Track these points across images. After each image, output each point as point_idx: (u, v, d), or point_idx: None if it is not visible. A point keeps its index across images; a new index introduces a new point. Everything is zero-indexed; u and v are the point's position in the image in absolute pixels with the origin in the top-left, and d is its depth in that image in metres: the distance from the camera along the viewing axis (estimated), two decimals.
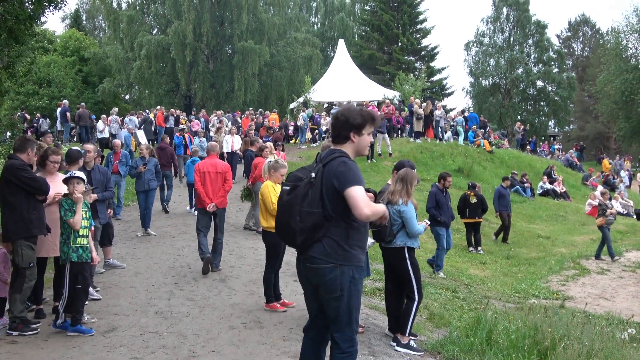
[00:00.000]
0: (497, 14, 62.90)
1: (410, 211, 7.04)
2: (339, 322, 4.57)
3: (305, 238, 4.52)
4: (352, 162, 4.53)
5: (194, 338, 6.95)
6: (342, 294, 4.48)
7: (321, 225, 4.47)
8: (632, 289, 13.40)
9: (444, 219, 12.64)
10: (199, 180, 10.51)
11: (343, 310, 4.52)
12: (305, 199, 4.51)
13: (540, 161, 34.80)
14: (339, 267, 4.45)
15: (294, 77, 51.88)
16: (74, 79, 49.75)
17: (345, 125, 4.64)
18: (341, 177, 4.43)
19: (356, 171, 4.46)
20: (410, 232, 7.06)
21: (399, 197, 7.03)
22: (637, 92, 46.70)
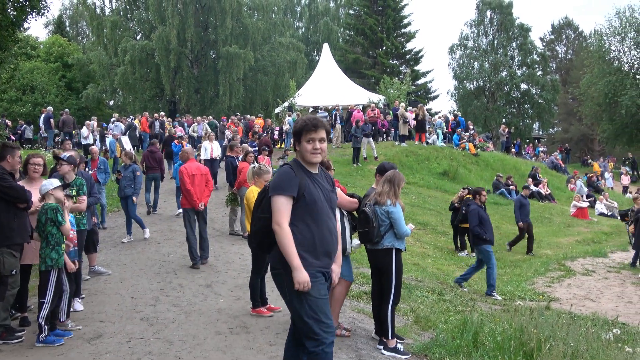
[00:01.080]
0: (480, 17, 63.27)
1: (398, 212, 7.04)
2: (296, 325, 4.70)
3: (259, 241, 4.80)
4: (287, 169, 4.67)
5: (180, 344, 6.92)
6: (290, 299, 4.58)
7: (269, 230, 4.60)
8: (617, 289, 13.47)
9: (489, 237, 12.32)
10: (189, 182, 11.25)
11: (297, 315, 4.59)
12: (259, 205, 4.81)
13: (525, 163, 34.98)
14: (285, 273, 4.54)
15: (279, 82, 51.83)
16: (57, 85, 49.51)
17: (294, 135, 4.81)
18: (271, 184, 4.71)
19: (284, 178, 4.60)
20: (398, 233, 7.05)
21: (387, 198, 7.03)
22: (620, 94, 47.10)
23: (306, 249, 4.59)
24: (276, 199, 4.52)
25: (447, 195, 23.37)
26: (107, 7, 53.90)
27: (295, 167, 4.68)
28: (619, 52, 51.16)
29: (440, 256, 16.21)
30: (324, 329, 4.58)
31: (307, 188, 4.64)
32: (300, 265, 4.47)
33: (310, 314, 4.54)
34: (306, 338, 4.59)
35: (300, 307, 4.54)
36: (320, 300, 4.61)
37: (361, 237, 7.06)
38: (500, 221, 22.12)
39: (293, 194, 4.54)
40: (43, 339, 6.87)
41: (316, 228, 4.67)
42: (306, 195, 4.62)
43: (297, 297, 4.52)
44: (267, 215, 4.61)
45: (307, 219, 4.63)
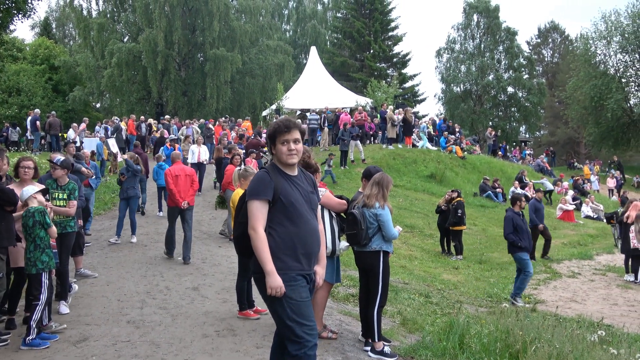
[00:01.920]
0: (467, 21, 63.47)
1: (387, 214, 7.04)
2: (279, 327, 4.70)
3: (240, 247, 4.81)
4: (262, 174, 4.67)
5: (167, 347, 6.90)
6: (270, 302, 4.57)
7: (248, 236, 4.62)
8: (603, 291, 13.55)
9: (524, 244, 12.00)
10: (172, 182, 12.06)
11: (279, 318, 4.58)
12: (240, 211, 4.81)
13: (511, 166, 35.13)
14: (262, 277, 4.51)
15: (267, 85, 51.89)
16: (43, 88, 49.28)
17: (268, 137, 4.82)
18: (247, 189, 4.69)
19: (258, 182, 4.60)
20: (386, 235, 7.05)
21: (376, 200, 7.02)
22: (605, 98, 47.45)
23: (285, 251, 4.58)
24: (251, 204, 4.54)
25: (434, 198, 23.44)
26: (94, 10, 53.95)
27: (271, 170, 4.68)
28: (605, 56, 51.60)
29: (427, 259, 16.25)
30: (307, 332, 4.56)
31: (284, 190, 4.62)
32: (273, 270, 4.46)
33: (292, 317, 4.53)
34: (288, 341, 4.57)
35: (281, 310, 4.53)
36: (301, 303, 4.59)
37: (349, 239, 7.05)
38: (487, 224, 22.21)
39: (268, 198, 4.53)
40: (29, 342, 6.83)
41: (295, 230, 4.65)
42: (283, 197, 4.60)
43: (279, 301, 4.51)
44: (246, 221, 4.62)
45: (285, 221, 4.62)
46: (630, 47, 49.22)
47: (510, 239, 12.00)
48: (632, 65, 50.97)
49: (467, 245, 17.78)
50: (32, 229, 7.04)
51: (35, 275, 7.07)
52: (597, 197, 32.66)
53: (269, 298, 4.53)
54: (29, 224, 7.04)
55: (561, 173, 40.05)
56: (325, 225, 6.95)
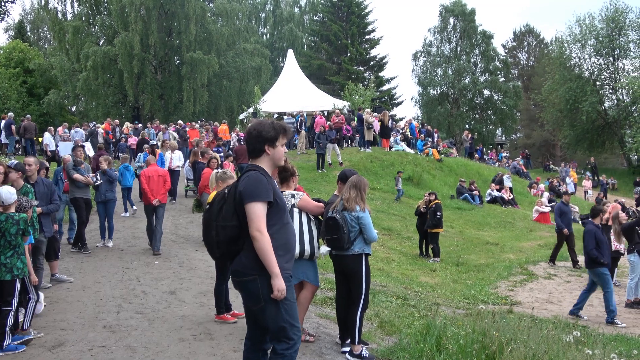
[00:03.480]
0: (443, 24, 63.83)
1: (368, 217, 7.05)
2: (270, 330, 4.67)
3: (223, 251, 4.69)
4: (258, 175, 4.62)
5: (144, 351, 6.86)
6: (264, 304, 4.54)
7: (236, 238, 4.60)
8: (578, 293, 13.61)
9: (606, 260, 11.26)
10: (145, 182, 13.39)
11: (272, 319, 4.57)
12: (219, 214, 4.66)
13: (488, 169, 35.37)
14: (259, 277, 4.50)
15: (244, 88, 51.81)
16: (18, 91, 48.76)
17: (259, 139, 4.74)
18: (243, 190, 4.55)
19: (258, 184, 4.55)
20: (368, 238, 7.05)
21: (356, 203, 7.02)
22: (580, 101, 47.93)
23: (280, 252, 4.59)
24: (254, 206, 4.46)
25: (412, 200, 23.52)
26: (69, 12, 53.46)
27: (264, 172, 4.67)
28: (580, 59, 52.11)
29: (405, 261, 16.30)
30: (296, 333, 4.65)
31: (277, 192, 4.69)
32: (279, 272, 4.47)
33: (286, 317, 4.57)
34: (277, 341, 4.61)
35: (276, 311, 4.53)
36: (293, 304, 4.66)
37: (330, 243, 7.01)
38: (464, 226, 22.33)
39: (270, 199, 4.52)
40: (6, 347, 6.77)
41: (286, 232, 4.71)
42: (278, 199, 4.64)
43: (274, 302, 4.51)
44: (232, 224, 4.57)
45: (278, 222, 4.65)
46: (604, 51, 49.77)
47: (593, 254, 11.20)
48: (606, 68, 51.51)
49: (444, 248, 17.86)
50: (14, 236, 7.00)
51: (9, 282, 7.00)
52: (573, 199, 32.93)
53: (264, 299, 4.52)
54: (12, 231, 6.99)
55: (537, 176, 40.36)
56: (303, 228, 6.94)
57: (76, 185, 13.08)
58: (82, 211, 13.13)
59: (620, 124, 49.56)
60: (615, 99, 51.44)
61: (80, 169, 13.26)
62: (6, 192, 7.11)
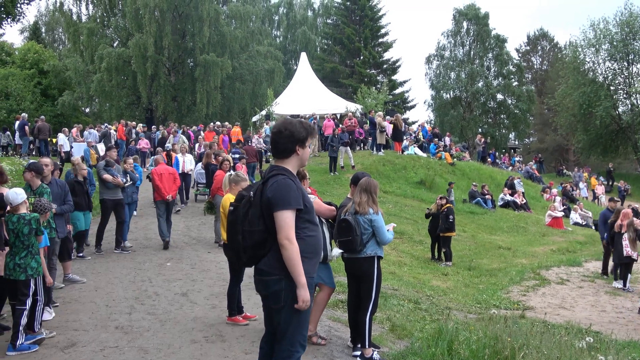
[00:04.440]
0: (457, 28, 63.68)
1: (381, 220, 7.03)
2: (279, 333, 4.62)
3: (250, 256, 4.59)
4: (287, 181, 4.54)
5: (155, 352, 6.87)
6: (283, 305, 4.51)
7: (264, 241, 4.52)
8: (591, 298, 13.58)
9: None
10: (158, 179, 14.05)
11: (285, 322, 4.55)
12: (245, 218, 4.57)
13: (500, 173, 35.20)
14: (285, 279, 4.46)
15: (257, 90, 51.85)
16: (32, 92, 49.02)
17: (292, 139, 4.68)
18: (272, 197, 4.46)
19: (288, 191, 4.47)
20: (381, 241, 7.04)
21: (368, 206, 7.00)
22: (594, 105, 47.66)
23: (308, 255, 4.58)
24: (283, 214, 4.40)
25: (424, 204, 23.46)
26: (83, 14, 53.68)
27: (292, 177, 4.63)
28: (594, 64, 51.87)
29: (417, 265, 16.25)
30: (301, 342, 4.65)
31: (306, 196, 4.64)
32: (306, 283, 4.45)
33: (297, 325, 4.57)
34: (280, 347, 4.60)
35: (291, 316, 4.52)
36: (307, 313, 4.65)
37: (343, 246, 6.99)
38: (476, 230, 22.25)
39: (300, 207, 4.48)
40: (19, 346, 6.81)
41: (316, 234, 4.69)
42: (307, 202, 4.61)
43: (292, 306, 4.49)
44: (259, 228, 4.49)
45: (309, 225, 4.61)
46: (618, 55, 49.52)
47: None
48: (620, 73, 51.26)
49: (456, 252, 17.79)
50: (27, 236, 7.04)
51: (24, 282, 7.04)
52: (586, 204, 32.80)
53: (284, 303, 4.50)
54: (24, 231, 7.03)
55: (551, 181, 40.18)
56: None
57: (106, 186, 13.17)
58: (108, 212, 13.24)
59: (635, 129, 49.18)
60: (630, 104, 51.22)
61: (111, 170, 13.32)
62: (12, 193, 7.14)
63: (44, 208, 7.59)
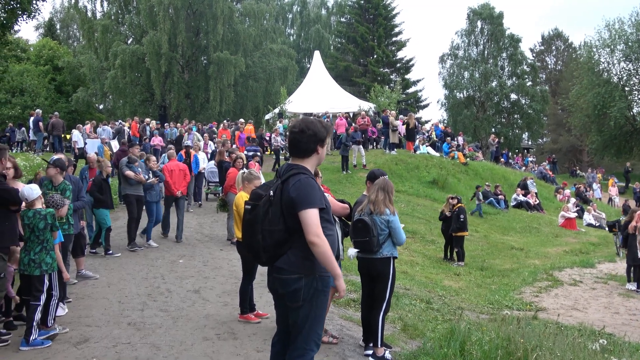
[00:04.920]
0: (471, 27, 63.48)
1: (397, 221, 7.03)
2: (295, 331, 4.62)
3: (270, 256, 4.57)
4: (310, 180, 4.54)
5: (168, 349, 6.89)
6: (302, 304, 4.51)
7: (284, 241, 4.51)
8: (604, 300, 13.50)
9: None
10: (168, 175, 14.39)
11: (301, 320, 4.55)
12: (265, 217, 4.54)
13: (514, 173, 35.10)
14: (304, 277, 4.47)
15: (270, 88, 51.81)
16: (47, 88, 49.31)
17: (314, 139, 4.68)
18: (297, 197, 4.44)
19: (312, 190, 4.47)
20: (397, 241, 7.03)
21: (384, 206, 6.98)
22: (608, 106, 47.40)
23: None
24: (309, 212, 4.37)
25: (436, 203, 23.42)
26: (98, 11, 53.78)
27: (312, 176, 4.63)
28: (608, 64, 51.59)
29: (429, 265, 16.22)
30: (316, 341, 4.66)
31: (324, 195, 4.66)
32: (341, 274, 4.51)
33: (313, 323, 4.58)
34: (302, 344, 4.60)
35: (307, 315, 4.54)
36: (323, 313, 4.68)
37: (359, 245, 6.97)
38: (488, 230, 22.19)
39: (323, 206, 4.48)
40: (32, 341, 6.84)
41: (333, 233, 4.71)
42: (326, 203, 4.61)
43: (309, 305, 4.51)
44: (279, 228, 4.48)
45: (327, 225, 4.60)
46: (633, 56, 49.19)
47: None
48: (635, 73, 50.95)
49: (468, 252, 17.75)
50: (42, 231, 7.07)
51: (38, 277, 7.07)
52: (600, 205, 32.63)
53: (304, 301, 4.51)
54: (40, 226, 7.06)
55: (564, 182, 40.00)
56: None
57: (128, 182, 13.30)
58: (134, 207, 13.26)
59: None
60: None
61: (134, 167, 13.40)
62: (28, 189, 7.18)
63: (56, 204, 7.62)
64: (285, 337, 4.79)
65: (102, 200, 12.43)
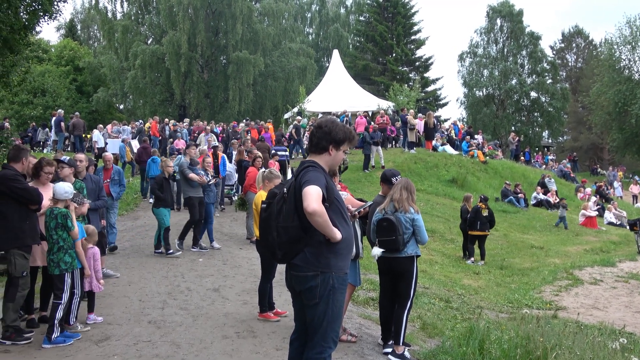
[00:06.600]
0: (490, 25, 63.22)
1: (421, 219, 7.05)
2: (312, 328, 4.65)
3: (285, 252, 4.61)
4: (317, 169, 4.60)
5: (188, 347, 6.95)
6: (318, 301, 4.55)
7: (299, 238, 4.54)
8: (625, 299, 13.42)
9: None
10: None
11: (318, 318, 4.58)
12: (280, 215, 4.59)
13: (534, 172, 34.89)
14: (320, 274, 4.51)
15: (289, 87, 51.92)
16: (68, 89, 49.71)
17: (327, 137, 4.73)
18: (302, 181, 4.50)
19: (317, 174, 4.51)
20: (421, 240, 7.04)
21: (409, 205, 7.00)
22: (630, 104, 46.97)
23: (343, 251, 4.64)
24: (310, 187, 4.37)
25: (456, 202, 23.34)
26: (118, 12, 54.29)
27: (322, 169, 4.67)
28: (630, 61, 51.11)
29: (448, 263, 16.20)
30: (334, 338, 4.69)
31: (337, 192, 4.70)
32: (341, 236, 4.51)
33: (330, 320, 4.61)
34: (313, 343, 4.63)
35: (324, 312, 4.57)
36: (340, 310, 4.70)
37: (384, 245, 6.97)
38: (508, 229, 22.08)
39: (324, 192, 4.46)
40: (54, 339, 6.91)
41: (348, 229, 4.73)
42: (337, 198, 4.66)
43: (326, 302, 4.55)
44: (294, 224, 4.53)
45: (341, 221, 4.64)
46: None
47: None
48: None
49: (488, 251, 17.68)
50: (54, 230, 7.11)
51: (58, 276, 7.15)
52: (620, 204, 32.36)
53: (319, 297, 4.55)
54: (51, 225, 7.11)
55: (584, 179, 39.71)
56: None
57: (190, 185, 13.22)
58: (196, 210, 13.16)
59: None
60: None
61: (196, 169, 13.41)
62: (60, 188, 7.24)
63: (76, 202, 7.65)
64: (303, 334, 4.82)
65: (163, 199, 12.51)
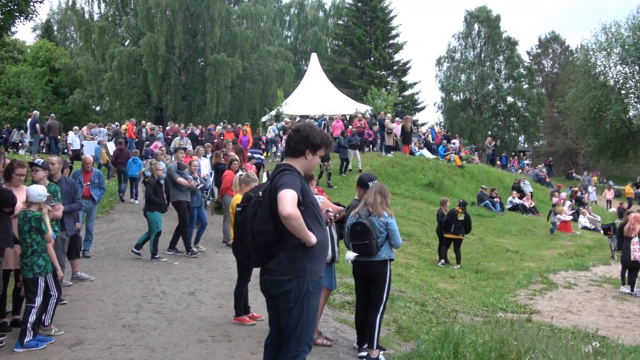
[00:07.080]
0: (468, 30, 63.66)
1: (395, 223, 7.07)
2: (287, 332, 4.65)
3: (260, 256, 4.61)
4: (292, 172, 4.60)
5: (162, 351, 6.90)
6: (293, 306, 4.55)
7: (274, 241, 4.54)
8: (598, 303, 13.56)
9: None
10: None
11: (293, 322, 4.58)
12: (255, 218, 4.58)
13: (509, 176, 35.13)
14: (295, 279, 4.51)
15: (267, 90, 51.91)
16: (44, 90, 49.35)
17: (304, 141, 4.74)
18: (277, 185, 4.48)
19: (292, 178, 4.50)
20: (395, 244, 7.06)
21: (382, 209, 7.02)
22: (605, 109, 47.50)
23: (318, 255, 4.64)
24: (286, 191, 4.35)
25: (432, 206, 23.44)
26: (95, 13, 53.90)
27: (298, 173, 4.66)
28: (605, 67, 51.66)
29: (424, 267, 16.25)
30: (308, 343, 4.69)
31: (312, 196, 4.71)
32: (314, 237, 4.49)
33: (304, 325, 4.61)
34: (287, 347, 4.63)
35: (299, 316, 4.57)
36: (314, 315, 4.70)
37: (358, 249, 6.98)
38: (484, 233, 22.22)
39: (300, 196, 4.44)
40: (26, 343, 6.84)
41: (324, 233, 4.74)
42: (312, 201, 4.65)
43: (300, 307, 4.55)
44: (269, 228, 4.52)
45: (316, 224, 4.64)
46: (630, 59, 49.20)
47: None
48: (631, 77, 51.01)
49: (464, 255, 17.75)
50: (27, 233, 7.04)
51: (31, 280, 7.07)
52: (595, 208, 32.68)
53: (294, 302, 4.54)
54: (25, 229, 7.04)
55: (559, 183, 40.07)
56: None
57: (179, 189, 13.14)
58: (185, 214, 13.09)
59: None
60: None
61: (184, 173, 13.34)
62: (34, 190, 7.16)
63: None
64: (278, 338, 4.83)
65: (156, 203, 12.43)
